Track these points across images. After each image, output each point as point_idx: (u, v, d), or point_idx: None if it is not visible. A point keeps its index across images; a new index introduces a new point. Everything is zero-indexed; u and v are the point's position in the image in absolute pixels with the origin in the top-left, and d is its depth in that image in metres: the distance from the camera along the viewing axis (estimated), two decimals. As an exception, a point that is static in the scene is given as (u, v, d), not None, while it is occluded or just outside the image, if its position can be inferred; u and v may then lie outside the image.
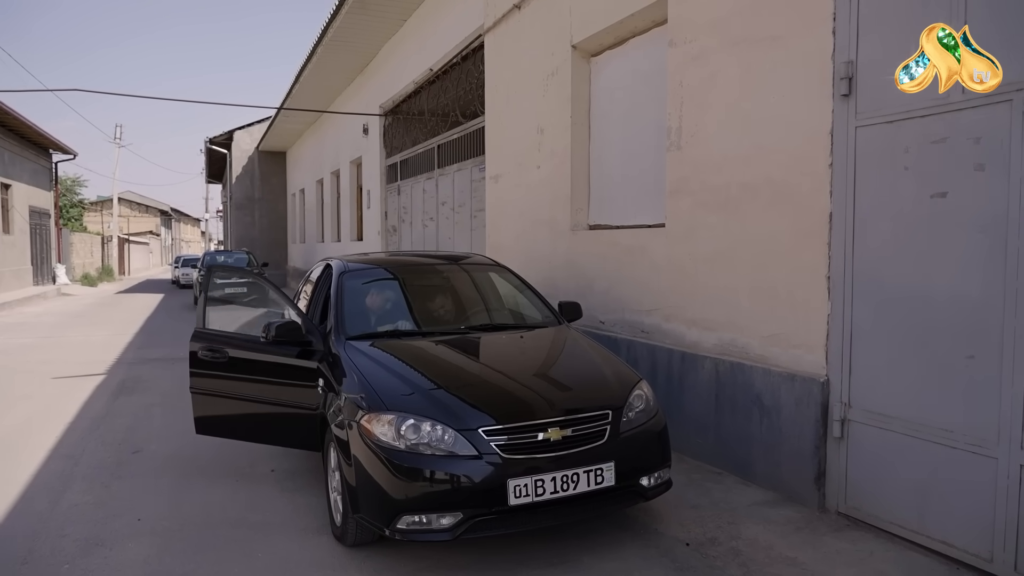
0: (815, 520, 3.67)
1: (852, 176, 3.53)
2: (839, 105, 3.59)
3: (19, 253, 21.86)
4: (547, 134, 6.57)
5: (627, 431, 3.38)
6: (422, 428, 3.13)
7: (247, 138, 24.57)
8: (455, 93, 9.53)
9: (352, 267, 4.75)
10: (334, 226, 17.56)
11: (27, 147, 22.45)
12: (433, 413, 3.18)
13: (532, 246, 6.90)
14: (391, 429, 3.14)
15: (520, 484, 3.05)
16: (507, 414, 3.21)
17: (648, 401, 3.60)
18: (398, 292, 4.76)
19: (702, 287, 4.62)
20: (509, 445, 3.11)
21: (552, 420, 3.21)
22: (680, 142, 4.78)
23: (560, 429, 3.19)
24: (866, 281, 3.50)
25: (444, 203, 9.92)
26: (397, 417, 3.16)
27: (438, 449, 3.09)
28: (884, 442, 3.44)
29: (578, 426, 3.25)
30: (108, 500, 4.20)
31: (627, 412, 3.44)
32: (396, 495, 3.04)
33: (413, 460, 3.06)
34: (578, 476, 3.15)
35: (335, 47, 11.95)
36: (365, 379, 3.49)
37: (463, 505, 3.04)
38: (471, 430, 3.12)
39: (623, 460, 3.28)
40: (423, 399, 3.30)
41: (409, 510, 3.03)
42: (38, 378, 8.17)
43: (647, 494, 3.42)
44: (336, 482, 3.49)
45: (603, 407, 3.37)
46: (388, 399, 3.29)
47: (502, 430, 3.13)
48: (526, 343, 4.28)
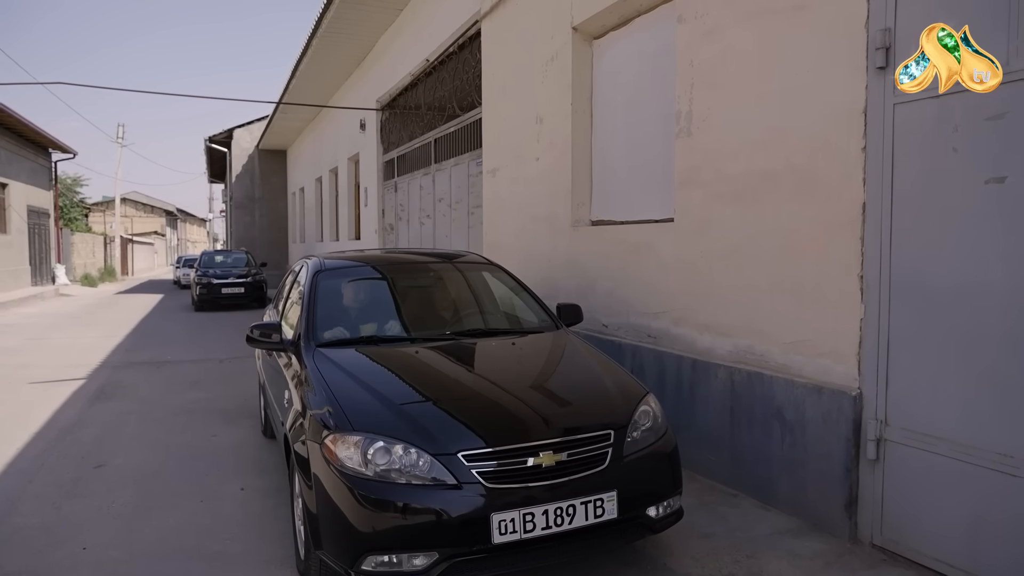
0: (846, 553, 3.22)
1: (889, 160, 3.08)
2: (874, 80, 3.13)
3: (16, 253, 21.57)
4: (546, 124, 6.13)
5: (632, 454, 2.93)
6: (392, 452, 2.69)
7: (247, 136, 24.21)
8: (452, 85, 9.10)
9: (328, 265, 4.35)
10: (333, 225, 17.16)
11: (25, 146, 22.16)
12: (406, 434, 2.74)
13: (531, 244, 6.46)
14: (357, 452, 2.70)
15: (506, 519, 2.61)
16: (492, 436, 2.77)
17: (656, 418, 3.16)
18: (378, 294, 4.36)
19: (716, 288, 4.17)
20: (493, 472, 2.67)
21: (544, 443, 2.77)
22: (690, 128, 4.33)
23: (554, 453, 2.75)
24: (907, 280, 3.05)
25: (441, 199, 9.49)
26: (364, 439, 2.72)
27: (411, 477, 2.66)
28: (928, 466, 2.99)
29: (574, 449, 2.81)
30: (55, 525, 3.78)
31: (632, 431, 3.00)
32: (362, 530, 2.60)
33: (381, 490, 2.62)
34: (574, 508, 2.70)
35: (330, 39, 11.54)
36: (332, 393, 3.05)
37: (439, 543, 2.60)
38: (449, 455, 2.68)
39: (627, 488, 2.83)
40: (395, 417, 2.86)
41: (376, 548, 2.59)
42: (14, 383, 7.78)
43: (655, 526, 2.98)
44: (300, 510, 3.04)
45: (604, 426, 2.93)
46: (355, 417, 2.84)
47: (485, 455, 2.70)
48: (519, 351, 3.83)
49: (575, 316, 4.34)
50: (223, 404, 6.61)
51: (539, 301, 4.40)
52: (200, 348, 10.37)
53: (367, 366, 3.41)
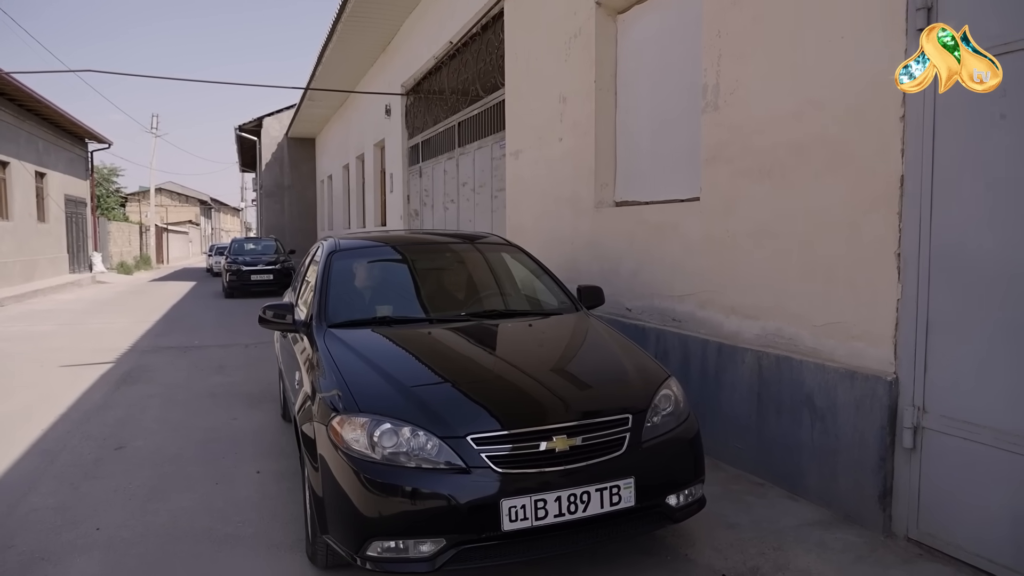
0: (880, 547, 3.04)
1: (931, 129, 2.87)
2: (914, 43, 2.91)
3: (55, 241, 22.05)
4: (570, 103, 5.96)
5: (651, 439, 2.80)
6: (400, 434, 2.59)
7: (276, 125, 24.37)
8: (476, 67, 8.96)
9: (344, 245, 4.25)
10: (360, 211, 17.17)
11: (62, 136, 22.58)
12: (414, 416, 2.64)
13: (554, 226, 6.32)
14: (363, 435, 2.61)
15: (517, 505, 2.50)
16: (503, 419, 2.65)
17: (678, 403, 3.02)
18: (394, 274, 4.25)
19: (743, 269, 3.99)
20: (504, 457, 2.56)
21: (558, 426, 2.66)
22: (717, 101, 4.14)
23: (568, 437, 2.63)
24: (948, 259, 2.84)
25: (465, 184, 9.37)
26: (371, 420, 2.63)
27: (419, 460, 2.56)
28: (969, 456, 2.80)
29: (590, 433, 2.69)
30: (72, 504, 3.78)
31: (651, 416, 2.86)
32: (367, 514, 2.52)
33: (387, 473, 2.53)
34: (589, 495, 2.58)
35: (355, 23, 11.47)
36: (340, 374, 2.96)
37: (447, 530, 2.50)
38: (458, 438, 2.57)
39: (646, 475, 2.70)
40: (404, 399, 2.76)
41: (382, 533, 2.51)
42: (45, 366, 7.90)
43: (675, 516, 2.84)
44: (308, 493, 2.97)
45: (622, 410, 2.80)
46: (363, 399, 2.75)
47: (496, 438, 2.59)
48: (535, 333, 3.70)
49: (596, 298, 4.19)
50: (246, 388, 6.61)
51: (559, 283, 4.26)
52: (227, 333, 10.44)
53: (379, 347, 3.32)
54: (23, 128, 19.07)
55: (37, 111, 19.43)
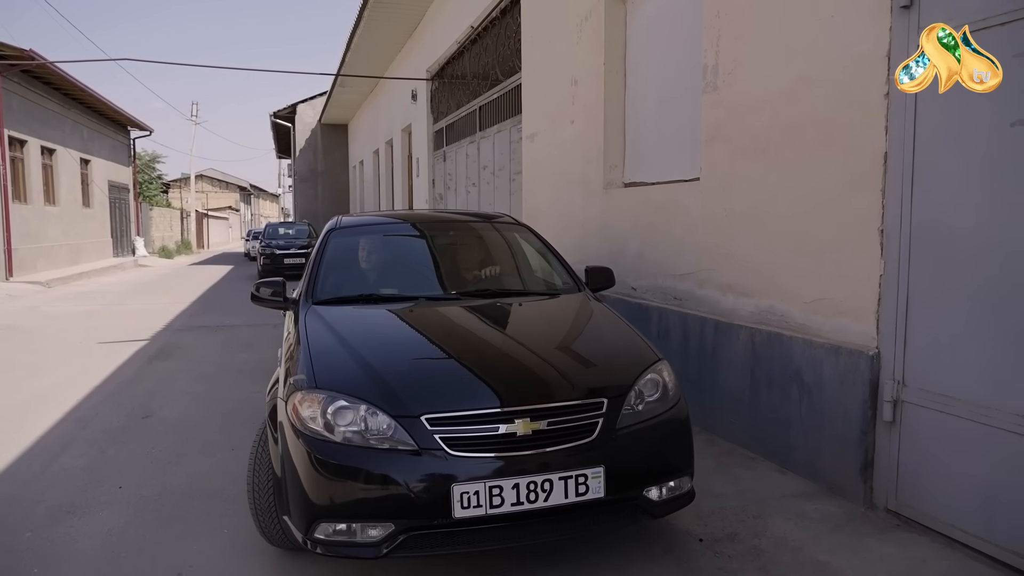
0: (858, 518, 3.11)
1: (913, 106, 2.90)
2: (898, 20, 2.95)
3: (99, 226, 22.85)
4: (580, 85, 6.03)
5: (629, 426, 2.64)
6: (354, 412, 2.50)
7: (310, 111, 24.78)
8: (495, 51, 9.05)
9: (344, 223, 4.31)
10: (389, 196, 17.45)
11: (105, 124, 23.33)
12: (368, 394, 2.54)
13: (566, 208, 6.41)
14: (319, 412, 2.53)
15: (469, 491, 2.37)
16: (461, 398, 2.56)
17: (666, 388, 2.84)
18: (390, 252, 4.22)
19: (739, 247, 4.05)
20: (459, 439, 2.44)
21: (521, 408, 2.50)
22: (716, 82, 4.18)
23: (531, 421, 2.48)
24: (928, 234, 2.88)
25: (485, 167, 9.50)
26: (326, 398, 2.54)
27: (372, 440, 2.46)
28: (945, 429, 2.85)
29: (557, 417, 2.54)
30: (99, 465, 4.05)
31: (633, 401, 2.70)
32: (315, 495, 2.43)
33: (337, 452, 2.45)
34: (551, 484, 2.43)
35: (381, 10, 11.65)
36: (309, 350, 2.89)
37: (396, 514, 2.39)
38: (412, 417, 2.46)
39: (620, 464, 2.55)
40: (365, 377, 2.67)
41: (330, 515, 2.42)
42: (85, 343, 8.31)
43: (655, 511, 2.68)
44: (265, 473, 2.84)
45: (596, 393, 2.66)
46: (322, 375, 2.67)
47: (451, 419, 2.47)
48: (524, 313, 3.63)
49: (606, 280, 4.04)
50: (271, 365, 6.85)
51: (563, 263, 4.15)
52: (258, 314, 10.69)
53: (355, 323, 3.26)
54: (68, 116, 19.76)
55: (81, 99, 20.12)
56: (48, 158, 18.72)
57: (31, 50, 15.05)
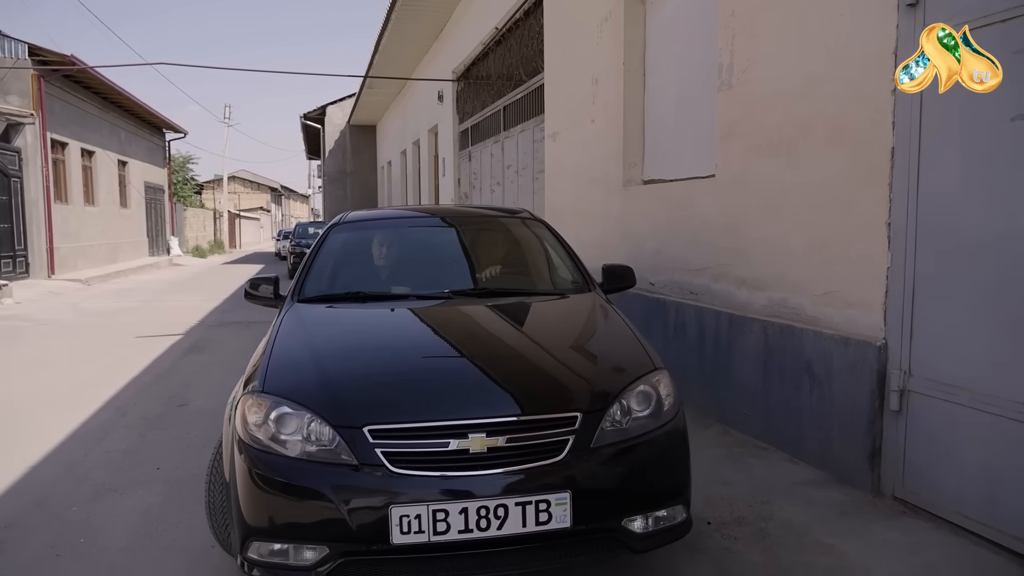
0: (865, 505, 3.19)
1: (918, 103, 2.97)
2: (904, 18, 3.02)
3: (135, 225, 23.51)
4: (601, 85, 6.14)
5: (610, 444, 2.30)
6: (297, 421, 2.27)
7: (339, 113, 25.18)
8: (519, 52, 9.20)
9: (348, 219, 4.14)
10: (416, 196, 17.69)
11: (141, 126, 23.98)
12: (314, 402, 2.30)
13: (587, 206, 6.52)
14: (262, 418, 2.32)
15: (410, 515, 2.09)
16: (411, 409, 2.31)
17: (660, 402, 2.47)
18: (389, 248, 3.95)
19: (752, 242, 4.14)
20: (403, 454, 2.17)
21: (476, 421, 2.21)
22: (731, 80, 4.27)
23: (487, 436, 2.18)
24: (933, 228, 2.95)
25: (509, 166, 9.65)
26: (272, 403, 2.33)
27: (311, 451, 2.22)
28: (949, 417, 2.91)
29: (518, 433, 2.22)
30: (138, 449, 4.29)
31: (617, 416, 2.36)
32: (249, 509, 2.23)
33: (273, 463, 2.22)
34: (506, 510, 2.12)
35: (408, 12, 11.86)
36: (271, 351, 2.71)
37: (331, 536, 2.15)
38: (353, 428, 2.20)
39: (593, 489, 2.23)
40: (314, 382, 2.44)
41: (263, 533, 2.21)
42: (124, 337, 8.64)
43: (635, 545, 2.31)
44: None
45: (569, 406, 2.33)
46: (273, 379, 2.46)
47: (396, 431, 2.21)
48: (517, 314, 3.32)
49: (624, 279, 3.75)
50: (299, 358, 7.10)
51: (576, 261, 3.84)
52: (288, 310, 11.09)
53: (329, 324, 3.08)
54: (107, 119, 20.37)
55: (119, 103, 20.72)
56: (88, 160, 19.32)
57: (72, 56, 15.59)
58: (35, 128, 15.44)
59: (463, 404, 2.35)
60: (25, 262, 15.43)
